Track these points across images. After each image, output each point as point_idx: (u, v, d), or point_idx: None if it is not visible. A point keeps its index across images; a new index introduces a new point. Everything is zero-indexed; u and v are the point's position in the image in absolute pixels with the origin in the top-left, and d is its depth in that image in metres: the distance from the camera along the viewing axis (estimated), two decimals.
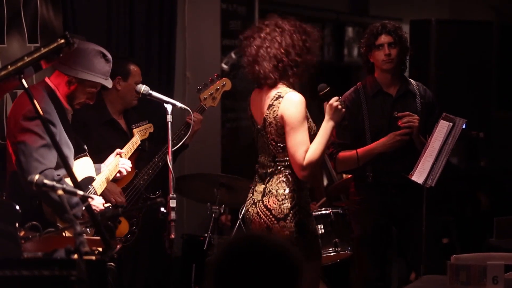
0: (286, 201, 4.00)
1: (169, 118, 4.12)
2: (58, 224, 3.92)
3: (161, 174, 4.79)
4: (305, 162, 3.90)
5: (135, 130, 4.78)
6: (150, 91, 4.23)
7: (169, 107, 4.15)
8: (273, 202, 4.01)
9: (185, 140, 4.71)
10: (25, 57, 3.27)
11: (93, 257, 2.93)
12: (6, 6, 4.58)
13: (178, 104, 4.23)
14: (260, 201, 4.05)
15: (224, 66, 7.01)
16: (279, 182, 4.03)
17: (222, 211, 5.36)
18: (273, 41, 4.02)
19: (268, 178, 4.06)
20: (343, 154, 4.79)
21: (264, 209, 4.03)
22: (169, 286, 4.67)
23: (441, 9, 9.43)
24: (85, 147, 4.27)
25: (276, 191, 4.02)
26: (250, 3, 7.37)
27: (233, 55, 7.06)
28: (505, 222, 4.65)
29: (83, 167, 4.23)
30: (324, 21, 9.04)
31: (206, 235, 5.15)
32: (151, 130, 4.81)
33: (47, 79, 4.12)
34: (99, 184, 4.25)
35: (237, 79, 7.40)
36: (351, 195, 5.00)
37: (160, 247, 5.08)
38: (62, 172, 3.93)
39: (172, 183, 3.99)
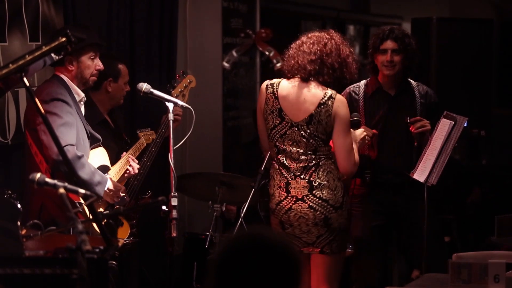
0: (338, 190, 4.20)
1: (171, 116, 4.13)
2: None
3: (150, 174, 4.78)
4: (356, 160, 4.24)
5: (140, 134, 4.80)
6: (152, 90, 4.22)
7: (170, 106, 4.15)
8: (328, 193, 4.18)
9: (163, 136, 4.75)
10: (27, 55, 3.27)
11: (95, 256, 2.93)
12: (7, 4, 4.57)
13: (180, 102, 4.23)
14: (310, 195, 4.19)
15: (226, 64, 7.00)
16: (327, 173, 4.20)
17: (223, 209, 5.36)
18: (319, 41, 4.22)
19: (311, 171, 4.19)
20: None
21: (320, 201, 4.18)
22: (171, 284, 4.66)
23: (442, 7, 9.44)
24: (100, 137, 4.33)
25: (328, 181, 4.19)
26: (251, 1, 7.36)
27: (234, 53, 7.05)
28: (506, 220, 4.64)
29: (98, 156, 4.31)
30: (325, 18, 9.03)
31: (207, 233, 5.13)
32: (154, 137, 4.81)
33: (56, 72, 4.21)
34: (114, 173, 4.36)
35: (238, 77, 7.41)
36: (350, 196, 4.99)
37: (162, 246, 5.07)
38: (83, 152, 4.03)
39: (173, 182, 3.99)
